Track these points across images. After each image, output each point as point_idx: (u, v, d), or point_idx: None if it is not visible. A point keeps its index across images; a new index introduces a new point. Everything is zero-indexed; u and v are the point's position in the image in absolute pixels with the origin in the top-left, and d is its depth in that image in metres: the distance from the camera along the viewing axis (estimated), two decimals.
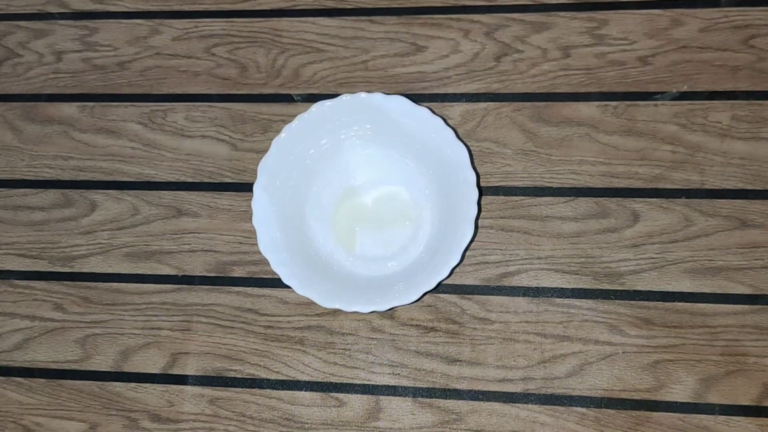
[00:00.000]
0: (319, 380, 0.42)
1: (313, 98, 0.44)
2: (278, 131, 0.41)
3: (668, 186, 0.41)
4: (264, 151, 0.40)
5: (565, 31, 0.44)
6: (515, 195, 0.42)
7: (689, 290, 0.40)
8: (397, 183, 0.43)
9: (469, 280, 0.42)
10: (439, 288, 0.42)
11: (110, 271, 0.44)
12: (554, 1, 0.44)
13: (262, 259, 0.40)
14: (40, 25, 0.49)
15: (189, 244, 0.44)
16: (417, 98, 0.41)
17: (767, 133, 0.41)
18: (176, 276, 0.44)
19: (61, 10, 0.49)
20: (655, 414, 0.39)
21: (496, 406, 0.40)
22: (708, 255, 0.40)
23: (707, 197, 0.41)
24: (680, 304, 0.40)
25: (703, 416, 0.39)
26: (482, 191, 0.42)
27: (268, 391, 0.42)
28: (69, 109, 0.47)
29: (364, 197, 0.43)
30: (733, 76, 0.42)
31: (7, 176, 0.46)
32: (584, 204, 0.42)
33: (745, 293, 0.40)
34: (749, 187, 0.41)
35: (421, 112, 0.40)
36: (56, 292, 0.44)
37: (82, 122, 0.46)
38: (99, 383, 0.43)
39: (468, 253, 0.42)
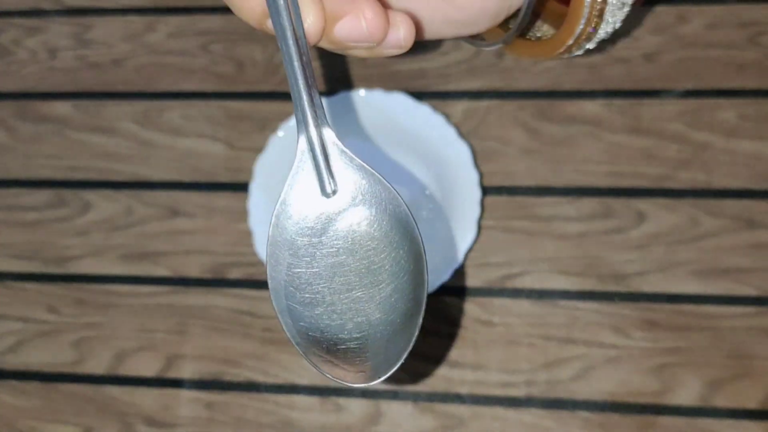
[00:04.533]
0: (318, 384, 0.41)
1: None
2: (275, 130, 0.40)
3: (674, 186, 0.41)
4: (261, 149, 0.40)
5: None
6: (518, 195, 0.42)
7: (695, 292, 0.40)
8: (398, 183, 0.42)
9: (471, 282, 0.41)
10: (441, 290, 0.41)
11: (104, 272, 0.43)
12: None
13: (259, 260, 0.39)
14: (34, 22, 0.48)
15: (184, 245, 0.43)
16: (418, 96, 0.41)
17: None
18: (171, 278, 0.43)
19: (56, 7, 0.48)
20: (660, 418, 0.39)
21: (499, 410, 0.40)
22: (714, 256, 0.40)
23: (714, 197, 0.41)
24: (686, 306, 0.40)
25: (709, 420, 0.38)
26: (484, 191, 0.41)
27: (266, 395, 0.41)
28: (63, 107, 0.46)
29: None
30: (740, 74, 0.42)
31: (0, 176, 0.46)
32: (588, 204, 0.41)
33: (752, 295, 0.39)
34: (756, 186, 0.40)
35: (422, 109, 0.39)
36: (50, 294, 0.44)
37: (76, 121, 0.46)
38: (93, 387, 0.42)
39: (470, 254, 0.41)
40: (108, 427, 0.41)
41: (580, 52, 0.27)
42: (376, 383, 0.22)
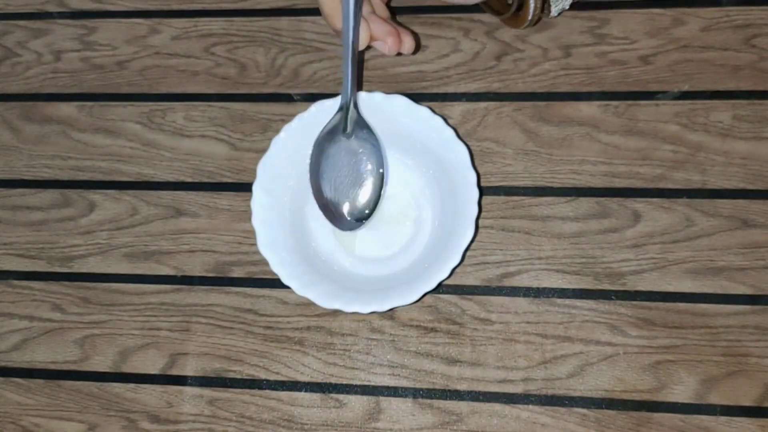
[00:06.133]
0: (319, 381, 0.41)
1: (312, 98, 0.44)
2: (278, 131, 0.40)
3: (669, 186, 0.41)
4: (263, 150, 0.40)
5: (565, 31, 0.44)
6: (516, 195, 0.42)
7: (690, 290, 0.40)
8: (397, 183, 0.43)
9: (469, 281, 0.42)
10: (440, 288, 0.41)
11: (109, 271, 0.44)
12: None
13: (261, 259, 0.39)
14: (38, 25, 0.48)
15: (188, 244, 0.44)
16: (417, 98, 0.41)
17: None
18: (175, 276, 0.43)
19: (60, 9, 0.48)
20: (656, 415, 0.39)
21: (497, 407, 0.40)
22: (709, 255, 0.40)
23: (708, 197, 0.41)
24: (681, 304, 0.40)
25: (704, 417, 0.39)
26: (482, 191, 0.42)
27: (268, 392, 0.42)
28: (68, 108, 0.47)
29: None
30: (735, 76, 0.42)
31: (5, 176, 0.46)
32: (585, 204, 0.42)
33: (747, 293, 0.40)
34: (751, 187, 0.41)
35: (422, 111, 0.40)
36: (55, 293, 0.44)
37: (80, 122, 0.46)
38: (98, 384, 0.43)
39: (468, 253, 0.42)
40: (112, 423, 0.42)
41: (546, 18, 0.43)
42: (353, 230, 0.40)
